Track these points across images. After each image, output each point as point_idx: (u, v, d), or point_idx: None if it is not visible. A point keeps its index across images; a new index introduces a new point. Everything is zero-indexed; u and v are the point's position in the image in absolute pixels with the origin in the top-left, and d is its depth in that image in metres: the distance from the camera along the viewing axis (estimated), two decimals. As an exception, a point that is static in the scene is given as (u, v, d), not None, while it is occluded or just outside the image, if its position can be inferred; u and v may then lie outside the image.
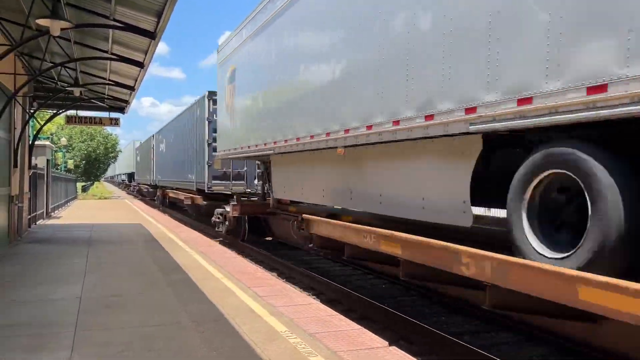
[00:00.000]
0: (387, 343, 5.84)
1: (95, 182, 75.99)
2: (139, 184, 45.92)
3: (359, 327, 6.46)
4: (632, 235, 4.25)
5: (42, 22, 7.95)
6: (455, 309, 7.70)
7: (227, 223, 15.47)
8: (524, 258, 4.96)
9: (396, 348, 5.71)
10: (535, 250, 4.96)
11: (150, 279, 8.66)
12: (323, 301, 8.07)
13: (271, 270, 11.48)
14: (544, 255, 4.86)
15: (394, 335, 6.80)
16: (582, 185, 4.48)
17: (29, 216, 16.81)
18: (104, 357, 4.97)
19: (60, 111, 18.03)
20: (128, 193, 59.32)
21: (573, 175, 4.57)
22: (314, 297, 8.45)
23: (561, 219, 4.96)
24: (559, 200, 4.98)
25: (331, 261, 11.96)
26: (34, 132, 18.49)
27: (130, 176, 58.00)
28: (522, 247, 5.10)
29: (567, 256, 4.61)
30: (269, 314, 6.54)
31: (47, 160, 23.18)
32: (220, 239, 16.10)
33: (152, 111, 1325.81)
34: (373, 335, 6.15)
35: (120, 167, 76.59)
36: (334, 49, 8.55)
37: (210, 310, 6.63)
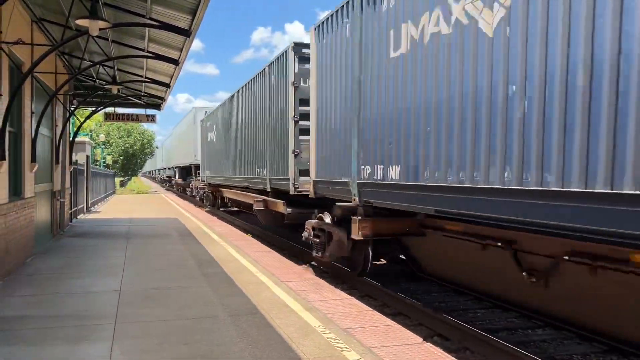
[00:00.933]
0: (421, 339, 5.80)
1: (133, 177, 77.53)
2: (210, 185, 23.30)
3: (393, 322, 6.44)
4: None
5: (81, 22, 8.15)
6: (491, 306, 7.59)
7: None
8: None
9: (430, 344, 5.68)
10: None
11: (188, 272, 8.83)
12: (356, 296, 8.07)
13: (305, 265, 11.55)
14: None
15: (429, 331, 6.74)
16: None
17: (70, 211, 17.35)
18: (143, 348, 5.10)
19: (99, 108, 18.46)
20: (180, 195, 37.96)
21: None
22: (347, 292, 8.45)
23: None
24: None
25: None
26: (74, 129, 19.01)
27: (185, 171, 35.73)
28: None
29: None
30: (303, 309, 6.59)
31: (87, 156, 23.84)
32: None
33: (187, 107, 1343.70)
34: (407, 331, 6.12)
35: (164, 159, 55.16)
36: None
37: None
